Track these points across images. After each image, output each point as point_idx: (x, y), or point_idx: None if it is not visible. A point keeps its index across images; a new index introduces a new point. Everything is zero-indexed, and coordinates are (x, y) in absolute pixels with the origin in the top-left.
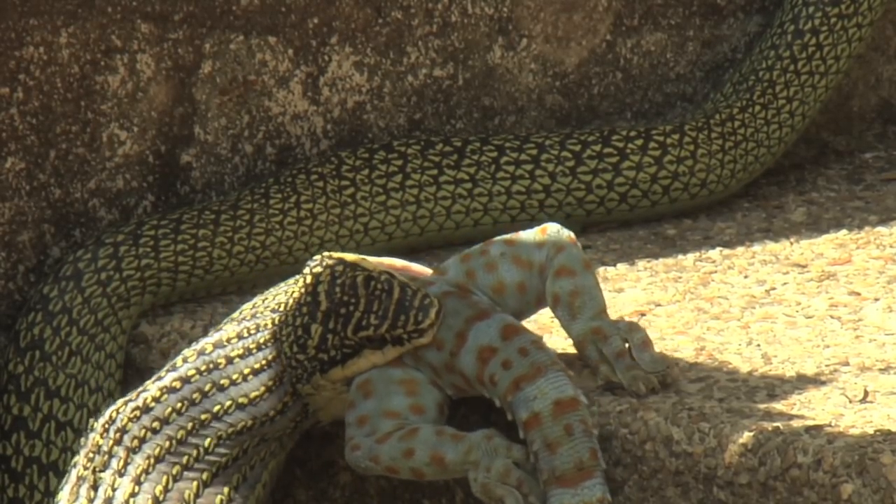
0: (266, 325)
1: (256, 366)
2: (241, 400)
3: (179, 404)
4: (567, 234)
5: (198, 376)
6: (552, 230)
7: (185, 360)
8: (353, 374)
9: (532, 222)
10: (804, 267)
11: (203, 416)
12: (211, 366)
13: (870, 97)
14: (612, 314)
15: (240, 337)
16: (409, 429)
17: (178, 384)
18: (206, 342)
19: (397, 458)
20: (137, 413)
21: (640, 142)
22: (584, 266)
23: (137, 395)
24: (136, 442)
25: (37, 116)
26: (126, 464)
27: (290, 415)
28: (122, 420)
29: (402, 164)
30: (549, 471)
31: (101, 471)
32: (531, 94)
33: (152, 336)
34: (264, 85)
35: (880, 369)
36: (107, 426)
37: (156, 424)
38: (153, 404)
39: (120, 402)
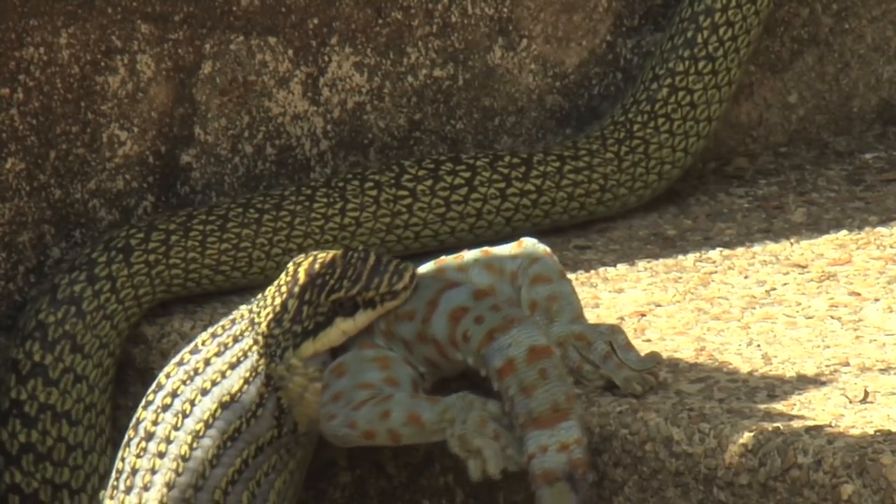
0: (242, 316)
1: (233, 360)
2: (224, 399)
3: (175, 419)
4: (542, 247)
5: (183, 387)
6: (528, 244)
7: (167, 376)
8: (323, 348)
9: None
10: (804, 267)
11: (197, 427)
12: (192, 373)
13: (870, 98)
14: (612, 315)
15: (214, 336)
16: (385, 395)
17: (168, 400)
18: (183, 352)
19: (374, 421)
20: (143, 446)
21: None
22: (560, 275)
23: (137, 429)
24: (148, 477)
25: (37, 117)
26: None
27: (270, 408)
28: (130, 462)
29: (469, 176)
30: (525, 413)
31: None
32: (531, 94)
33: (152, 336)
34: (264, 85)
35: (880, 370)
36: (118, 476)
37: (161, 448)
38: (153, 428)
39: (123, 447)
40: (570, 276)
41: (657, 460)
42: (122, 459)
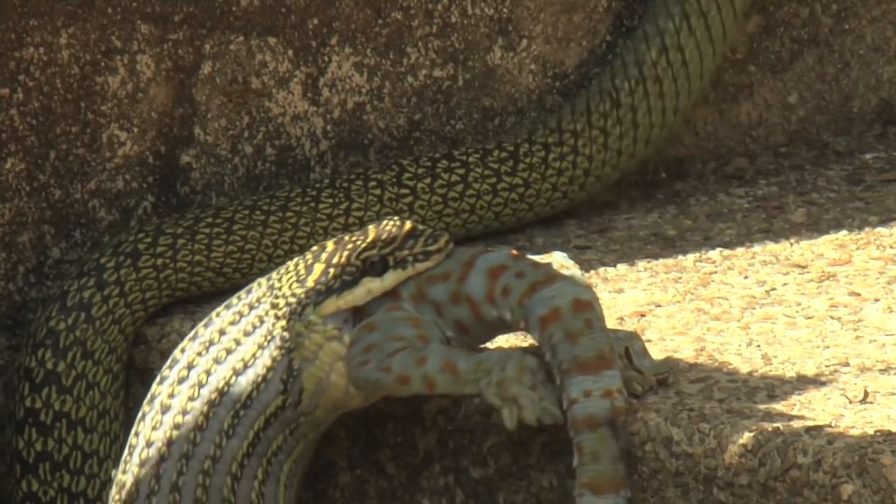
0: (259, 284)
1: (248, 327)
2: (237, 366)
3: (191, 391)
4: (572, 262)
5: (198, 358)
6: (558, 256)
7: (182, 350)
8: (346, 306)
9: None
10: (804, 267)
11: (212, 396)
12: (207, 344)
13: (870, 98)
14: (612, 315)
15: (228, 307)
16: (420, 345)
17: (185, 373)
18: (197, 326)
19: (409, 366)
20: (159, 419)
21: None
22: (588, 287)
23: (152, 404)
24: (164, 449)
25: (37, 117)
26: (160, 476)
27: (280, 372)
28: (145, 436)
29: (464, 173)
30: (570, 359)
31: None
32: (531, 94)
33: (152, 337)
34: (264, 86)
35: (880, 370)
36: (131, 450)
37: (178, 419)
38: (169, 401)
39: (137, 422)
40: None
41: (657, 460)
42: (137, 434)
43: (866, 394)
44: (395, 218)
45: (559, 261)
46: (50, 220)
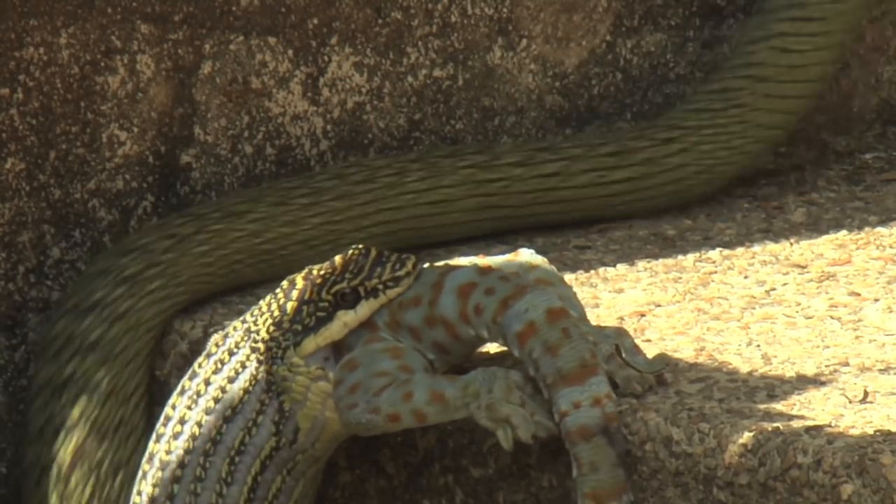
0: (235, 328)
1: (231, 373)
2: (227, 413)
3: (186, 444)
4: (540, 258)
5: (188, 412)
6: (525, 253)
7: (173, 407)
8: (325, 343)
9: None
10: (804, 267)
11: (206, 447)
12: (195, 397)
13: (870, 98)
14: (612, 315)
15: (209, 356)
16: (404, 378)
17: (178, 428)
18: (183, 381)
19: (397, 404)
20: (158, 476)
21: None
22: (560, 280)
23: (151, 461)
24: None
25: (37, 117)
26: None
27: (270, 415)
28: (147, 493)
29: None
30: (553, 373)
31: None
32: (531, 94)
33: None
34: (264, 85)
35: (880, 370)
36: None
37: (178, 473)
38: (167, 457)
39: (138, 481)
40: (570, 276)
41: (657, 460)
42: (140, 493)
43: (866, 394)
44: (360, 245)
45: (526, 259)
46: (50, 220)
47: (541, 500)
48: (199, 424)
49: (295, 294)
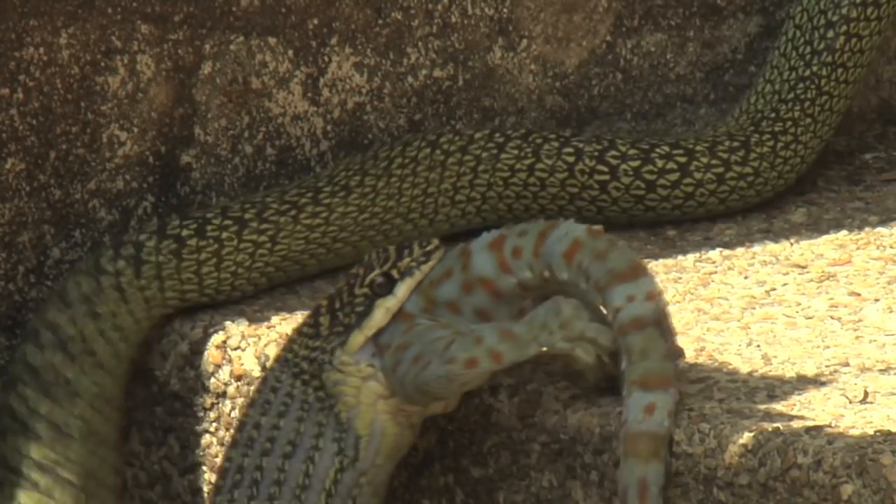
0: (272, 369)
1: (282, 408)
2: (286, 450)
3: (249, 491)
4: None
5: (246, 460)
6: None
7: (228, 459)
8: (371, 332)
9: None
10: (804, 268)
11: (272, 491)
12: (249, 443)
13: (870, 98)
14: None
15: (252, 405)
16: (467, 330)
17: (238, 477)
18: (233, 435)
19: (470, 348)
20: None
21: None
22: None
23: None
24: None
25: (37, 117)
26: None
27: (330, 435)
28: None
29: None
30: (605, 274)
31: None
32: (531, 94)
33: (152, 337)
34: (264, 86)
35: (880, 370)
36: None
37: None
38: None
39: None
40: None
41: None
42: None
43: (866, 394)
44: (376, 249)
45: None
46: (50, 220)
47: (541, 500)
48: (259, 469)
49: (324, 310)
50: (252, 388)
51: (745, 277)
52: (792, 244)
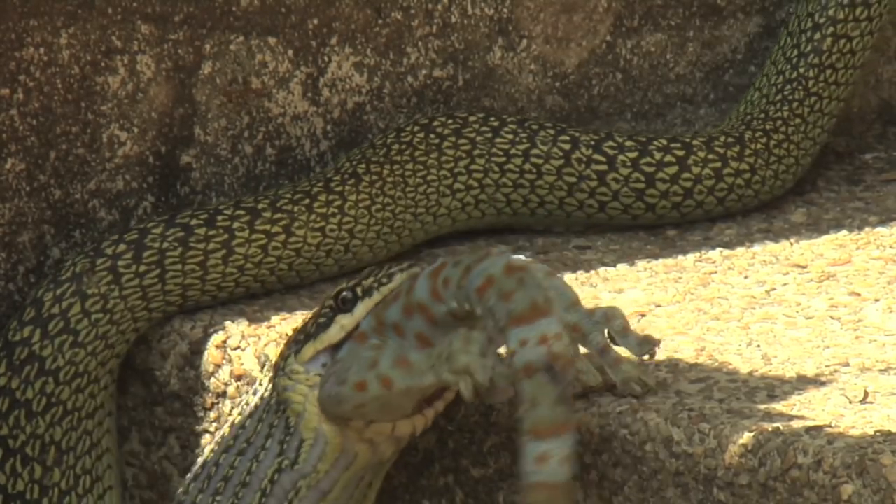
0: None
1: (245, 405)
2: (241, 447)
3: (218, 486)
4: (538, 262)
5: (211, 455)
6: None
7: (211, 453)
8: (322, 346)
9: None
10: (804, 268)
11: (218, 486)
12: (220, 439)
13: (870, 98)
14: None
15: (238, 405)
16: (376, 352)
17: (211, 472)
18: (218, 432)
19: (362, 371)
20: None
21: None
22: (547, 274)
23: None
24: None
25: (37, 117)
26: None
27: (278, 437)
28: None
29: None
30: (505, 316)
31: None
32: (531, 94)
33: (152, 337)
34: (264, 86)
35: (880, 370)
36: None
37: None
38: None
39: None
40: (570, 276)
41: (657, 460)
42: None
43: (866, 394)
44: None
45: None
46: (50, 220)
47: None
48: (216, 465)
49: (299, 327)
50: (252, 388)
51: (745, 277)
52: (792, 244)
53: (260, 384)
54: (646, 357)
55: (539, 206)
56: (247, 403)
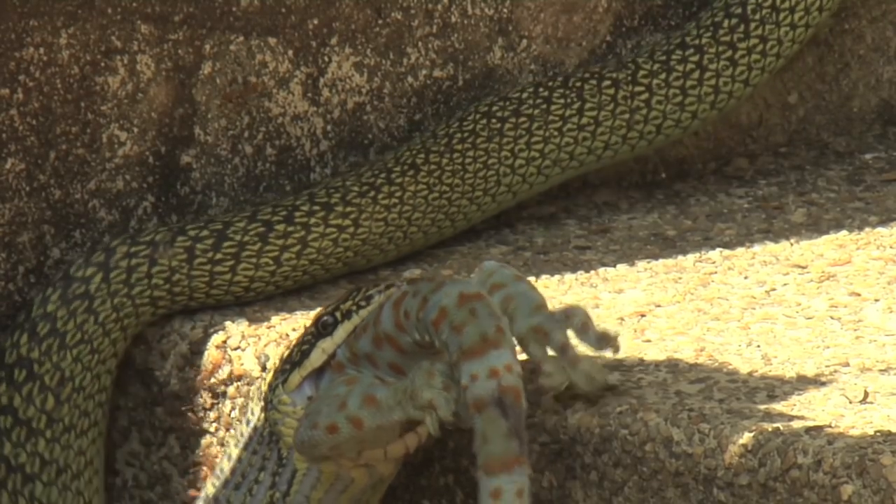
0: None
1: (241, 437)
2: (237, 481)
3: None
4: (498, 264)
5: (211, 489)
6: (486, 265)
7: (211, 486)
8: (306, 373)
9: None
10: (804, 268)
11: None
12: (220, 473)
13: (870, 98)
14: (612, 315)
15: (234, 435)
16: (345, 392)
17: None
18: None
19: (332, 414)
20: None
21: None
22: (514, 278)
23: None
24: None
25: (37, 117)
26: None
27: (270, 469)
28: None
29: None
30: (456, 350)
31: None
32: None
33: (152, 337)
34: (264, 86)
35: (880, 370)
36: None
37: None
38: None
39: None
40: (570, 276)
41: (657, 461)
42: None
43: (866, 394)
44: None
45: (487, 269)
46: (50, 220)
47: (541, 500)
48: (216, 500)
49: (287, 344)
50: (252, 387)
51: (745, 277)
52: (792, 244)
53: (252, 413)
54: (609, 353)
55: (605, 151)
56: (241, 434)
